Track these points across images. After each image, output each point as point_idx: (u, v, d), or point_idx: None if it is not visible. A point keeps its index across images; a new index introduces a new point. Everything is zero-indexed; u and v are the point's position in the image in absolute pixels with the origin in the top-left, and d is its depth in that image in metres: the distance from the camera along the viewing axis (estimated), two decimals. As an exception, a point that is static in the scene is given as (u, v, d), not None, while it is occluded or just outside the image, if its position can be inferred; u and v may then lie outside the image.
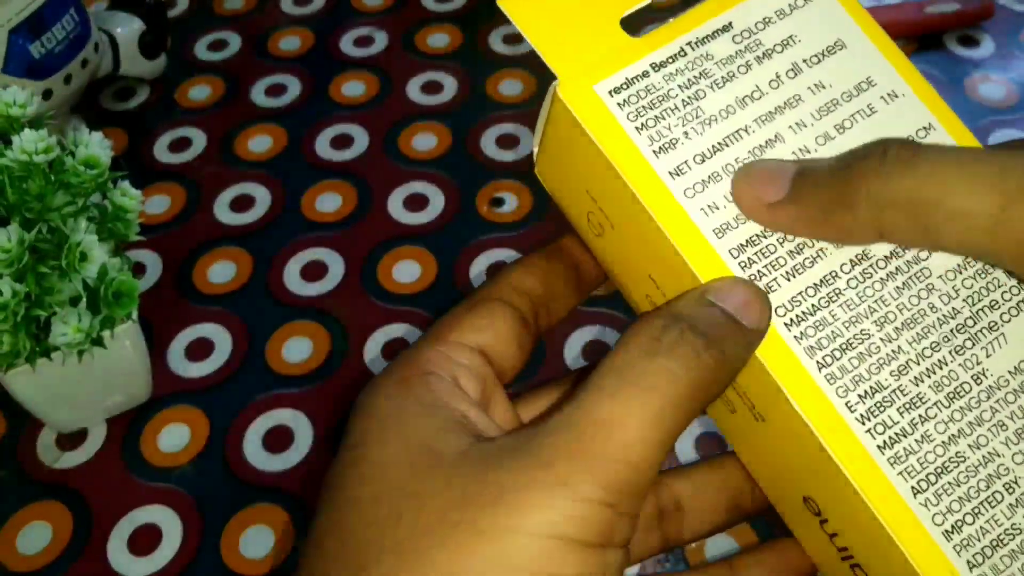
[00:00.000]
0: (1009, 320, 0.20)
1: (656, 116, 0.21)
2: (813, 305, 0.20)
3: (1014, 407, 0.20)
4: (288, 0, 0.67)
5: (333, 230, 0.52)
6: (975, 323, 0.20)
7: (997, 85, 0.58)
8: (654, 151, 0.21)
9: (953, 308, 0.20)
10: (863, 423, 0.19)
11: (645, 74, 0.21)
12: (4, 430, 0.45)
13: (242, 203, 0.54)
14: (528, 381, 0.45)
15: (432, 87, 0.60)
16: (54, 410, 0.43)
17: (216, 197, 0.54)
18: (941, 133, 0.21)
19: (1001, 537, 0.19)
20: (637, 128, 0.21)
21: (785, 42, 0.22)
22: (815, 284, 0.20)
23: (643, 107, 0.21)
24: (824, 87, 0.21)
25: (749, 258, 0.20)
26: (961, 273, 0.20)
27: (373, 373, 0.46)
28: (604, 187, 0.21)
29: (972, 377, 0.20)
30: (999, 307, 0.20)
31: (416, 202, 0.53)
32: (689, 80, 0.21)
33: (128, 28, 0.57)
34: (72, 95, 0.52)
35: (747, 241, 0.20)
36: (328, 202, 0.54)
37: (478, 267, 0.50)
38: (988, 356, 0.20)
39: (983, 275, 0.20)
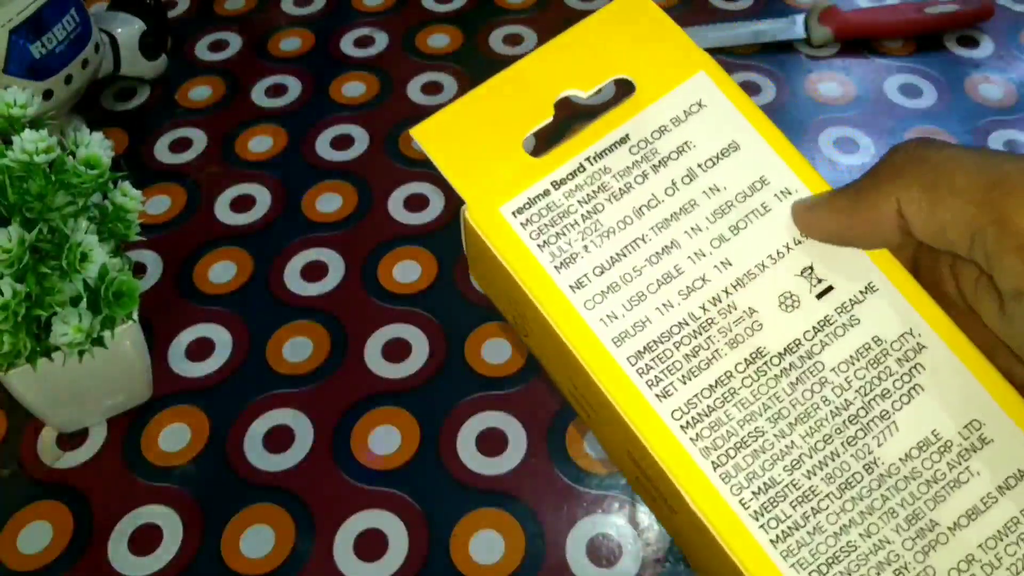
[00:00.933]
0: (900, 408, 0.21)
1: (557, 232, 0.22)
2: (708, 406, 0.21)
3: (904, 494, 0.20)
4: (289, 1, 0.67)
5: (333, 230, 0.52)
6: (867, 413, 0.21)
7: (996, 86, 0.58)
8: (555, 267, 0.22)
9: (846, 400, 0.21)
10: (757, 519, 0.20)
11: (546, 192, 0.22)
12: (5, 430, 0.45)
13: (243, 203, 0.54)
14: (528, 382, 0.45)
15: (432, 87, 0.60)
16: (55, 410, 0.43)
17: (216, 197, 0.54)
18: None
19: None
20: (539, 245, 0.22)
21: (680, 148, 0.23)
22: (710, 385, 0.21)
23: (544, 225, 0.22)
24: (719, 190, 0.22)
25: (647, 364, 0.21)
26: (853, 364, 0.21)
27: (373, 373, 0.46)
28: (517, 298, 0.22)
29: (863, 467, 0.20)
30: (890, 396, 0.21)
31: (416, 202, 0.53)
32: (588, 195, 0.22)
33: (129, 28, 0.57)
34: (73, 95, 0.53)
35: (644, 348, 0.21)
36: (328, 202, 0.54)
37: (478, 267, 0.50)
38: (879, 445, 0.20)
39: (875, 365, 0.21)
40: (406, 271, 0.50)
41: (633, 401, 0.21)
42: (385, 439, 0.44)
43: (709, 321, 0.21)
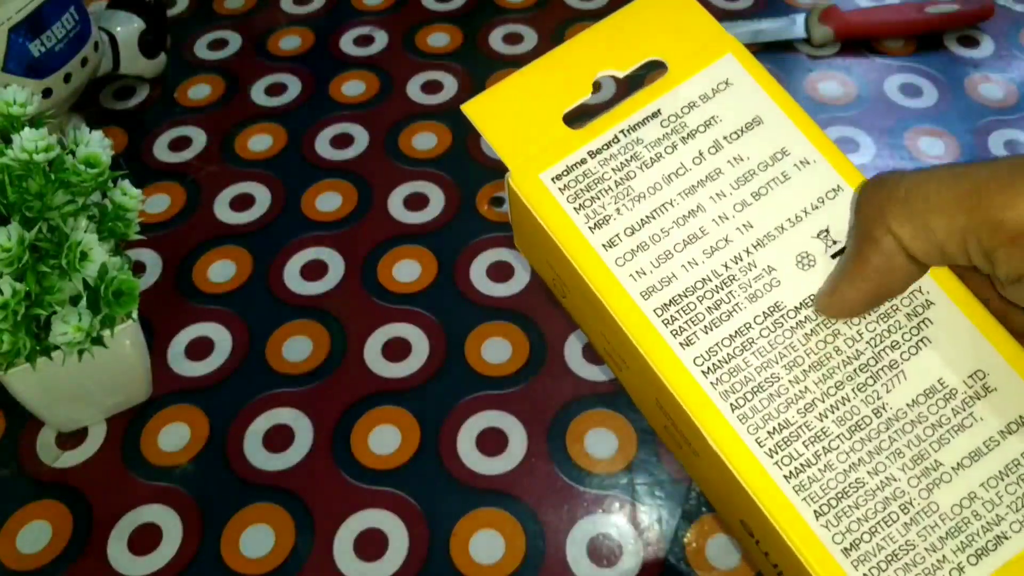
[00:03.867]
0: (908, 359, 0.22)
1: (592, 197, 0.24)
2: (728, 354, 0.22)
3: (911, 436, 0.22)
4: (288, 0, 0.67)
5: (333, 229, 0.52)
6: (877, 362, 0.22)
7: (997, 85, 0.58)
8: (590, 227, 0.24)
9: (857, 350, 0.22)
10: (771, 456, 0.22)
11: (583, 161, 0.25)
12: (4, 429, 0.45)
13: (242, 202, 0.54)
14: (528, 381, 0.45)
15: (432, 86, 0.60)
16: (54, 409, 0.43)
17: (216, 196, 0.54)
18: (849, 193, 0.24)
19: (896, 552, 0.21)
20: (575, 208, 0.24)
21: (708, 122, 0.25)
22: (730, 335, 0.23)
23: (580, 190, 0.24)
24: (742, 159, 0.24)
25: (672, 315, 0.23)
26: (865, 318, 0.23)
27: (373, 372, 0.46)
28: (556, 259, 0.24)
29: (872, 411, 0.22)
30: (899, 347, 0.22)
31: (416, 201, 0.53)
32: (621, 163, 0.24)
33: (128, 27, 0.57)
34: (72, 94, 0.52)
35: (670, 301, 0.23)
36: (328, 201, 0.54)
37: (478, 267, 0.50)
38: (888, 391, 0.22)
39: (885, 319, 0.23)
40: (406, 270, 0.50)
41: (659, 349, 0.23)
42: (385, 438, 0.43)
43: (731, 278, 0.23)
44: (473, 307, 0.48)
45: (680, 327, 0.23)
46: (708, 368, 0.22)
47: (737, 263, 0.23)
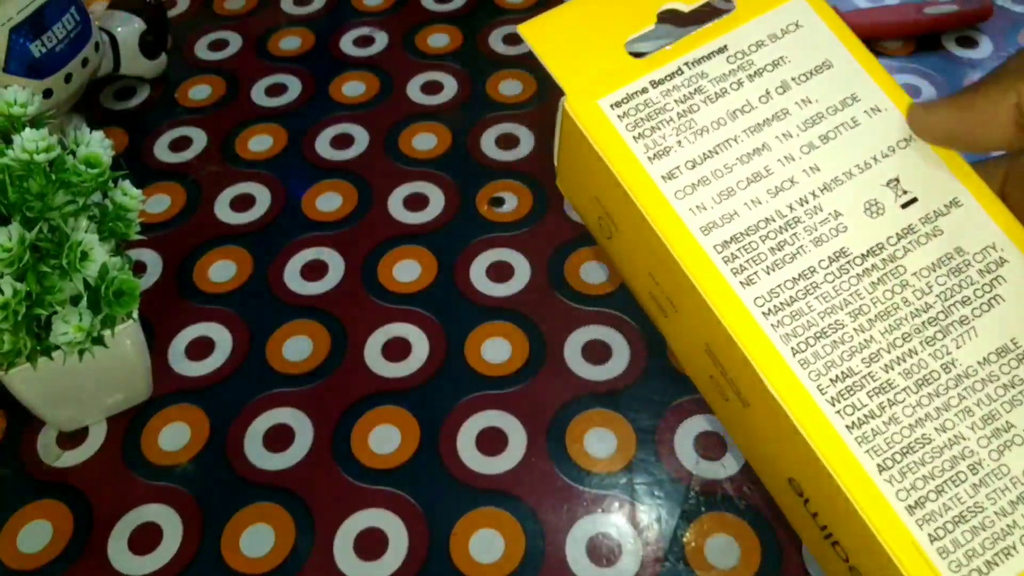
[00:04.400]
0: (980, 315, 0.21)
1: (652, 127, 0.23)
2: (791, 296, 0.21)
3: (981, 395, 0.20)
4: (289, 0, 0.67)
5: (333, 229, 0.52)
6: (947, 317, 0.21)
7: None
8: (649, 157, 0.23)
9: (926, 303, 0.21)
10: (833, 405, 0.20)
11: (644, 90, 0.23)
12: (5, 429, 0.45)
13: (242, 202, 0.54)
14: (528, 381, 0.45)
15: (432, 87, 0.60)
16: (55, 409, 0.43)
17: (216, 196, 0.54)
18: (919, 145, 0.23)
19: (963, 514, 0.20)
20: (635, 137, 0.23)
21: (776, 62, 0.24)
22: (793, 278, 0.22)
23: (641, 119, 0.23)
24: (811, 102, 0.23)
25: (732, 253, 0.22)
26: (935, 271, 0.22)
27: (373, 372, 0.46)
28: (608, 191, 0.23)
29: (942, 366, 0.21)
30: (970, 303, 0.21)
31: (416, 202, 0.53)
32: (684, 96, 0.23)
33: (129, 27, 0.57)
34: (73, 94, 0.53)
35: (731, 238, 0.22)
36: (328, 201, 0.54)
37: (478, 267, 0.50)
38: (958, 347, 0.21)
39: (956, 273, 0.22)
40: (406, 270, 0.50)
41: (717, 286, 0.22)
42: (385, 438, 0.44)
43: (795, 219, 0.22)
44: (473, 307, 0.48)
45: (741, 265, 0.22)
46: (769, 309, 0.21)
47: (802, 205, 0.22)
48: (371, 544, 0.40)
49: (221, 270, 0.51)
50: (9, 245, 0.34)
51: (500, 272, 0.50)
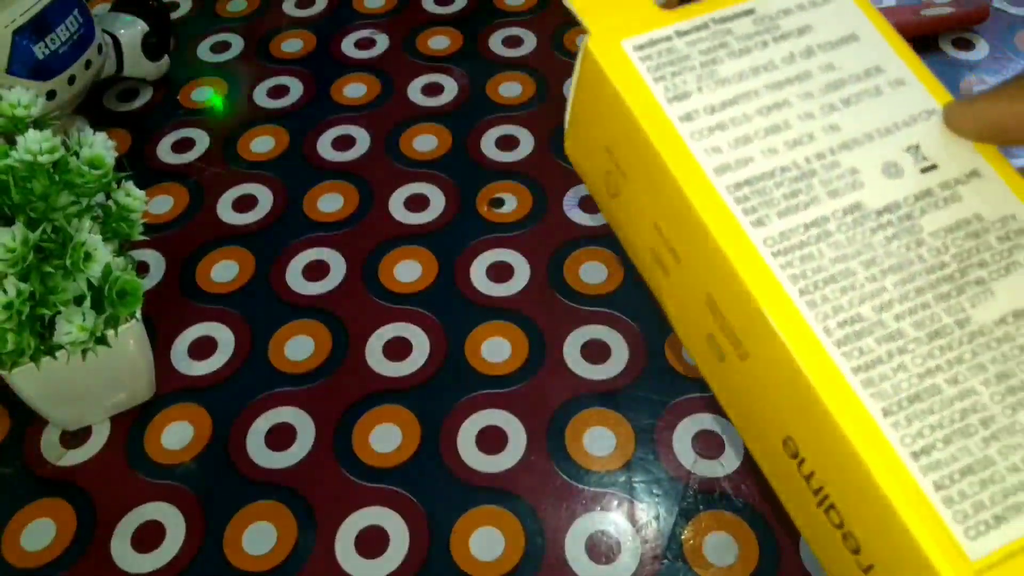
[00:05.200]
0: (997, 279, 0.21)
1: (674, 71, 0.23)
2: (802, 241, 0.21)
3: (996, 352, 0.20)
4: (290, 2, 0.67)
5: (335, 230, 0.53)
6: (963, 276, 0.21)
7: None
8: (668, 99, 0.23)
9: (942, 262, 0.21)
10: (839, 347, 0.20)
11: (669, 38, 0.23)
12: (8, 428, 0.45)
13: (245, 203, 0.54)
14: (528, 380, 0.45)
15: (433, 89, 0.60)
16: (58, 408, 0.43)
17: (219, 197, 0.55)
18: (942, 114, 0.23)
19: (972, 466, 0.19)
20: (656, 79, 0.23)
21: (802, 29, 0.24)
22: (806, 224, 0.21)
23: (664, 63, 0.23)
24: (835, 68, 0.23)
25: (745, 195, 0.22)
26: (952, 233, 0.21)
27: (374, 371, 0.46)
28: (621, 135, 0.23)
29: (955, 322, 0.20)
30: (987, 266, 0.21)
31: (417, 202, 0.54)
32: (709, 48, 0.23)
33: (132, 30, 0.58)
34: (76, 96, 0.53)
35: (744, 181, 0.22)
36: (330, 202, 0.54)
37: (478, 267, 0.50)
38: (973, 306, 0.20)
39: (974, 237, 0.21)
40: (407, 270, 0.50)
41: (727, 226, 0.21)
42: (386, 437, 0.44)
43: (811, 171, 0.22)
44: (473, 307, 0.49)
45: (753, 207, 0.21)
46: (779, 251, 0.21)
47: (820, 160, 0.22)
48: (372, 542, 0.41)
49: (223, 270, 0.51)
50: (13, 245, 0.35)
51: (500, 272, 0.50)
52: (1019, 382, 0.20)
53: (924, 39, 0.62)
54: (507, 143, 0.56)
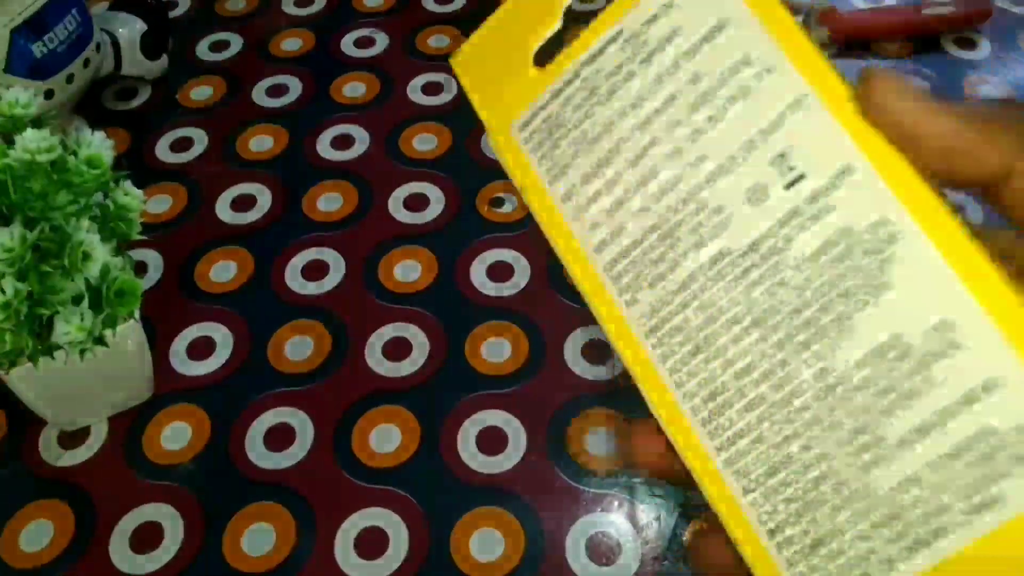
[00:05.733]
0: (861, 308, 0.19)
1: (552, 144, 0.23)
2: (670, 311, 0.21)
3: (852, 405, 0.19)
4: (290, 1, 0.67)
5: (334, 230, 0.53)
6: (824, 316, 0.20)
7: (994, 87, 0.58)
8: (550, 179, 0.23)
9: (804, 301, 0.20)
10: (704, 426, 0.20)
11: (546, 105, 0.23)
12: (6, 428, 0.45)
13: (243, 203, 0.54)
14: (528, 380, 0.45)
15: (432, 88, 0.60)
16: (56, 408, 0.43)
17: (217, 197, 0.54)
18: (814, 101, 0.21)
19: (822, 538, 0.19)
20: (539, 159, 0.23)
21: (670, 36, 0.22)
22: (673, 291, 0.21)
23: (544, 138, 0.23)
24: (700, 78, 0.22)
25: (619, 271, 0.22)
26: (816, 261, 0.20)
27: (374, 372, 0.46)
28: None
29: (813, 375, 0.19)
30: (852, 295, 0.19)
31: (416, 202, 0.54)
32: (581, 101, 0.23)
33: (130, 29, 0.58)
34: (74, 95, 0.53)
35: (619, 254, 0.22)
36: (329, 202, 0.54)
37: (478, 267, 0.50)
38: (833, 352, 0.19)
39: (839, 261, 0.20)
40: (406, 270, 0.50)
41: (609, 312, 0.21)
42: (385, 437, 0.44)
43: (678, 223, 0.21)
44: (473, 307, 0.48)
45: (627, 284, 0.21)
46: (651, 328, 0.21)
47: (686, 205, 0.21)
48: (372, 543, 0.40)
49: (222, 270, 0.51)
50: (11, 245, 0.35)
51: (500, 272, 0.50)
52: (873, 438, 0.19)
53: (926, 38, 0.62)
54: (507, 142, 0.56)
